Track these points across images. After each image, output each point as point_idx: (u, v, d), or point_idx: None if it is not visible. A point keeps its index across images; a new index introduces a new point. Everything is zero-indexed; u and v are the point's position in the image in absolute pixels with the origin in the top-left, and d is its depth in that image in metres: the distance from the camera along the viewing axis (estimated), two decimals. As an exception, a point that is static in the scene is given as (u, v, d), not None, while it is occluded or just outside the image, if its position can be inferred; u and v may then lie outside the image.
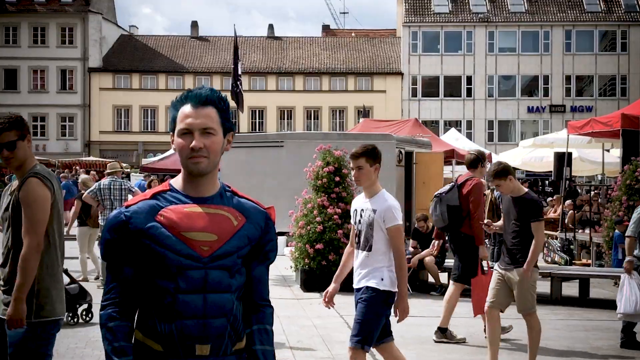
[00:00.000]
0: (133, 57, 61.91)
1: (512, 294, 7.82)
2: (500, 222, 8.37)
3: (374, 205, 6.01)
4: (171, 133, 2.78)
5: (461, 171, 28.07)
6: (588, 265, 16.33)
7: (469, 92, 60.93)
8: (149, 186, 20.73)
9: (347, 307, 9.85)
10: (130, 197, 13.72)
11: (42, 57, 60.00)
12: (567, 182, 18.82)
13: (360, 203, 6.19)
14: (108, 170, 14.10)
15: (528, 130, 60.74)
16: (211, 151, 2.70)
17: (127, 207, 2.73)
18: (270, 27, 66.49)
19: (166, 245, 2.65)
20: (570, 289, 12.81)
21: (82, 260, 14.36)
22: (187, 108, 2.74)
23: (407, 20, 60.81)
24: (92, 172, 32.95)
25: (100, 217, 13.52)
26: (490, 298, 7.92)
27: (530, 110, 60.79)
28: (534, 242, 7.57)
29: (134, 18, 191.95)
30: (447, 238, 10.35)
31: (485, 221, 8.80)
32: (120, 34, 65.06)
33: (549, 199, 25.17)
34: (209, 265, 2.68)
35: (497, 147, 51.12)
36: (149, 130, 60.01)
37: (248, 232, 2.77)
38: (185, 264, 2.66)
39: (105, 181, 13.57)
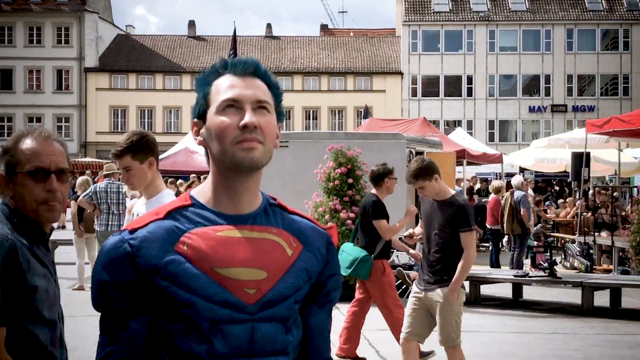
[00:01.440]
0: (130, 57, 61.32)
1: (433, 321, 6.54)
2: (419, 230, 6.88)
3: (150, 208, 4.53)
4: (195, 120, 1.97)
5: (471, 172, 27.60)
6: (610, 271, 15.62)
7: (470, 92, 60.51)
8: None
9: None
10: (128, 201, 12.95)
11: (38, 57, 59.38)
12: (586, 183, 18.07)
13: (138, 208, 4.85)
14: (104, 172, 13.37)
15: (529, 130, 60.46)
16: (267, 135, 1.90)
17: (131, 231, 1.88)
18: (268, 26, 66.15)
19: (193, 289, 1.83)
20: (599, 298, 12.05)
21: (79, 266, 13.63)
22: (228, 78, 1.95)
23: (407, 19, 60.31)
24: (87, 172, 32.24)
25: (96, 222, 12.74)
26: (405, 327, 6.67)
27: (531, 110, 60.36)
28: (463, 256, 6.26)
29: (128, 18, 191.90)
30: None
31: (407, 232, 7.24)
32: (116, 34, 64.47)
33: (560, 201, 24.47)
34: (256, 317, 1.87)
35: (498, 147, 50.57)
36: (147, 130, 59.26)
37: (307, 264, 1.98)
38: (223, 316, 1.84)
39: (101, 184, 12.84)
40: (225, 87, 1.93)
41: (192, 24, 65.95)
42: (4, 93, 59.32)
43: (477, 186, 20.89)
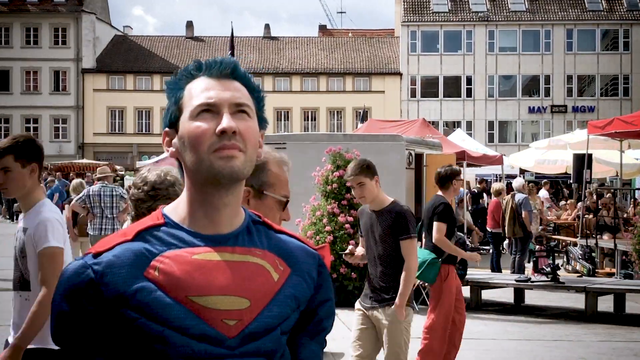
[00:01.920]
0: (127, 57, 61.09)
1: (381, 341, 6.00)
2: (361, 250, 6.28)
3: (27, 222, 4.13)
4: (166, 130, 1.74)
5: (471, 173, 27.37)
6: (612, 274, 15.40)
7: (469, 93, 60.33)
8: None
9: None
10: (122, 205, 12.70)
11: (35, 58, 59.13)
12: (587, 184, 17.86)
13: (19, 223, 4.25)
14: (98, 175, 13.13)
15: (529, 130, 60.32)
16: (248, 142, 1.68)
17: (95, 254, 1.65)
18: (267, 27, 65.93)
19: (166, 321, 1.59)
20: (603, 302, 11.81)
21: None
22: (203, 81, 1.72)
23: (406, 20, 60.12)
24: (87, 174, 32.02)
25: (89, 227, 12.49)
26: (355, 351, 6.11)
27: (531, 110, 60.18)
28: (405, 267, 5.79)
29: (126, 19, 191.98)
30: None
31: (348, 249, 6.51)
32: (114, 35, 64.22)
33: (562, 203, 24.25)
34: (238, 352, 1.63)
35: (497, 147, 50.37)
36: (144, 132, 59.12)
37: (296, 289, 1.74)
38: (200, 352, 1.60)
39: (95, 187, 12.61)
40: (199, 90, 1.70)
41: (189, 25, 65.72)
42: (0, 94, 59.04)
43: (496, 186, 20.50)
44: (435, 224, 7.85)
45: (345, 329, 8.79)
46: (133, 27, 71.22)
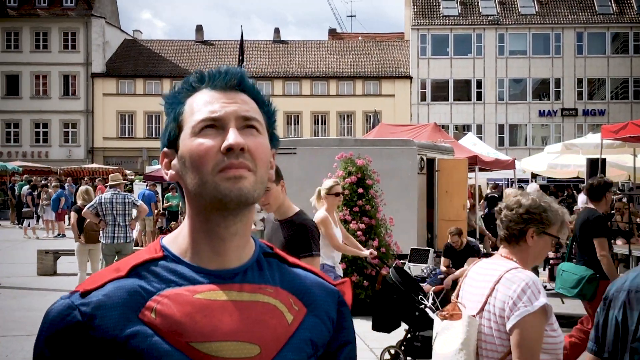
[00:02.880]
0: (137, 62, 61.09)
1: None
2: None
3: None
4: (165, 150, 1.56)
5: (482, 178, 27.16)
6: (627, 280, 15.13)
7: (479, 96, 60.14)
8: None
9: (372, 334, 8.84)
10: (134, 212, 12.55)
11: (44, 63, 59.15)
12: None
13: None
14: (110, 183, 12.98)
15: (539, 134, 60.08)
16: (259, 161, 1.49)
17: (83, 293, 1.45)
18: (276, 30, 65.84)
19: None
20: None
21: (80, 278, 13.18)
22: (206, 94, 1.53)
23: (416, 23, 59.97)
24: (97, 179, 31.98)
25: (101, 235, 12.35)
26: None
27: (541, 114, 59.94)
28: None
29: (134, 23, 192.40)
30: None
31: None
32: (123, 39, 64.22)
33: (576, 207, 24.00)
34: None
35: (508, 151, 50.16)
36: (154, 136, 59.08)
37: (313, 332, 1.54)
38: None
39: (106, 194, 12.46)
40: (201, 103, 1.51)
41: (199, 29, 65.68)
42: (10, 99, 59.10)
43: (509, 191, 20.20)
44: (596, 240, 7.53)
45: (359, 341, 8.62)
46: (142, 31, 71.23)
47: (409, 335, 8.27)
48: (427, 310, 7.83)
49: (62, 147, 59.05)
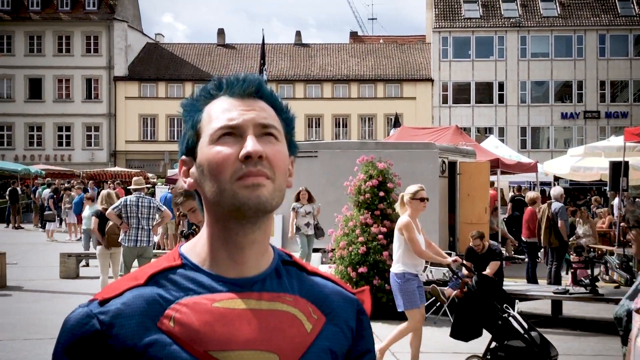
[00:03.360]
0: (159, 65, 61.33)
1: None
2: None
3: None
4: (183, 158, 1.55)
5: (504, 180, 27.06)
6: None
7: (501, 99, 59.87)
8: (300, 198, 16.08)
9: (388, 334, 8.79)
10: (157, 217, 12.56)
11: (67, 66, 59.52)
12: (624, 193, 17.51)
13: None
14: (134, 186, 13.01)
15: (562, 137, 59.73)
16: (277, 168, 1.48)
17: (102, 302, 1.45)
18: (298, 34, 65.87)
19: None
20: None
21: (103, 282, 13.24)
22: (224, 101, 1.53)
23: (437, 26, 59.82)
24: (116, 181, 32.08)
25: (122, 237, 12.35)
26: None
27: (563, 116, 59.58)
28: None
29: (156, 26, 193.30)
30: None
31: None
32: (145, 42, 64.51)
33: (598, 210, 23.86)
34: None
35: (530, 154, 49.94)
36: (176, 139, 59.18)
37: (332, 341, 1.52)
38: None
39: (132, 197, 12.48)
40: (219, 111, 1.50)
41: (221, 32, 65.81)
42: (33, 102, 59.53)
43: (531, 194, 19.90)
44: None
45: (380, 344, 8.58)
46: (164, 35, 71.54)
47: (492, 345, 8.12)
48: (511, 319, 7.76)
49: (84, 150, 59.39)
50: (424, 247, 8.42)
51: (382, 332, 10.00)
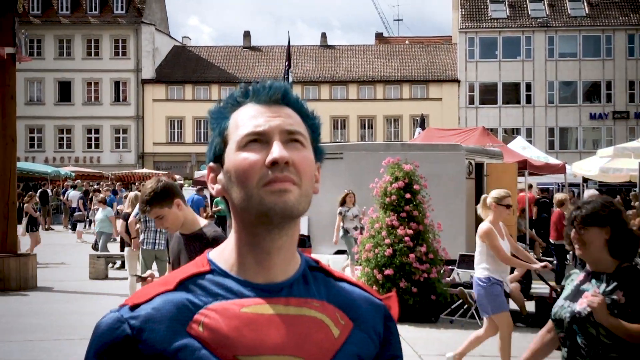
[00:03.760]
0: (186, 68, 61.66)
1: None
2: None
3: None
4: (210, 165, 1.57)
5: (533, 182, 26.88)
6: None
7: (529, 99, 59.57)
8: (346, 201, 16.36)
9: (421, 341, 8.76)
10: None
11: (96, 69, 60.01)
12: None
13: None
14: None
15: (590, 137, 59.32)
16: (303, 174, 1.50)
17: (132, 307, 1.48)
18: (323, 35, 65.89)
19: None
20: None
21: (131, 283, 13.34)
22: (250, 108, 1.55)
23: (464, 26, 59.62)
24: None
25: (143, 237, 12.44)
26: None
27: (592, 117, 59.16)
28: None
29: (182, 29, 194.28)
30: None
31: (147, 273, 5.65)
32: (173, 45, 64.88)
33: (628, 211, 23.65)
34: None
35: (558, 155, 49.56)
36: (203, 141, 59.55)
37: (359, 347, 1.53)
38: None
39: None
40: (246, 118, 1.52)
41: (247, 35, 66.02)
42: (63, 105, 60.11)
43: (559, 196, 19.79)
44: None
45: (408, 348, 8.57)
46: (191, 38, 71.93)
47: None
48: None
49: (113, 152, 59.86)
50: (510, 252, 8.05)
51: (408, 335, 10.01)
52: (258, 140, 1.49)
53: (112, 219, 19.21)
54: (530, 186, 20.59)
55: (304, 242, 16.22)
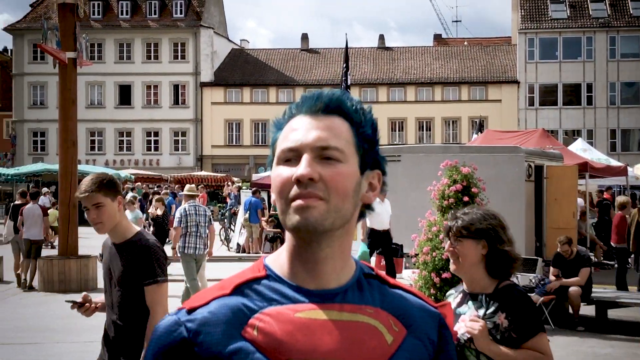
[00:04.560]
0: (244, 70, 62.07)
1: None
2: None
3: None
4: (270, 175, 1.58)
5: (593, 184, 26.45)
6: None
7: (590, 100, 58.60)
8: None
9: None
10: (206, 229, 12.73)
11: (155, 73, 60.79)
12: None
13: None
14: (188, 193, 13.20)
15: (653, 139, 58.22)
16: (333, 190, 1.47)
17: (189, 310, 1.51)
18: (381, 37, 65.78)
19: None
20: None
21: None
22: (298, 120, 1.54)
23: (523, 27, 58.94)
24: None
25: (180, 244, 12.53)
26: None
27: (655, 118, 57.98)
28: (149, 322, 4.28)
29: (240, 32, 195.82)
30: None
31: (81, 297, 4.78)
32: (231, 48, 65.39)
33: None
34: None
35: (620, 157, 48.70)
36: (260, 144, 59.90)
37: (412, 354, 1.53)
38: None
39: (187, 206, 12.74)
40: (289, 131, 1.53)
41: (304, 37, 66.24)
42: (123, 108, 61.04)
43: (621, 199, 19.38)
44: None
45: None
46: (249, 40, 72.39)
47: None
48: None
49: (172, 155, 60.56)
50: None
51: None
52: (291, 155, 1.50)
53: (141, 221, 19.40)
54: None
55: (397, 251, 16.23)
